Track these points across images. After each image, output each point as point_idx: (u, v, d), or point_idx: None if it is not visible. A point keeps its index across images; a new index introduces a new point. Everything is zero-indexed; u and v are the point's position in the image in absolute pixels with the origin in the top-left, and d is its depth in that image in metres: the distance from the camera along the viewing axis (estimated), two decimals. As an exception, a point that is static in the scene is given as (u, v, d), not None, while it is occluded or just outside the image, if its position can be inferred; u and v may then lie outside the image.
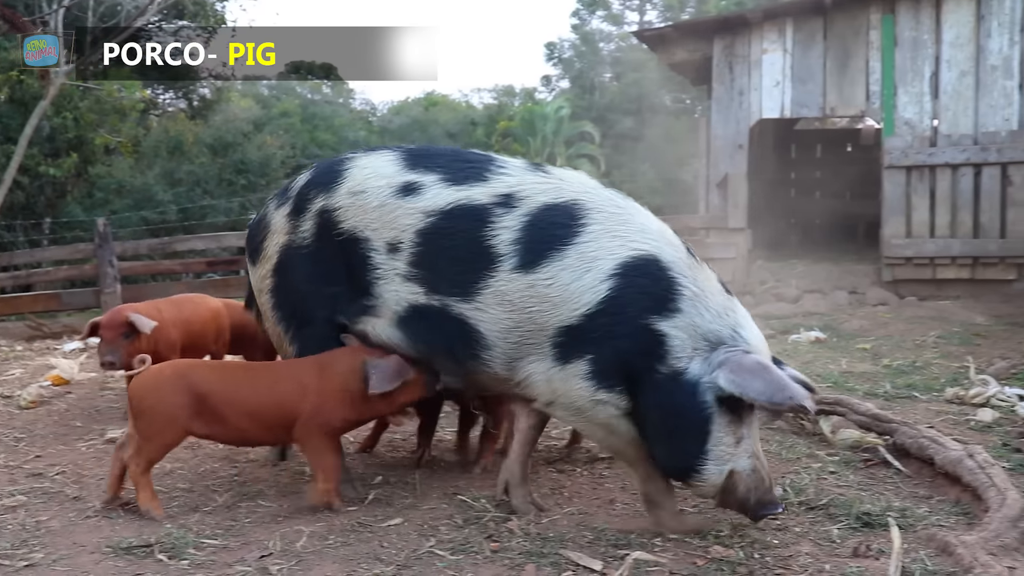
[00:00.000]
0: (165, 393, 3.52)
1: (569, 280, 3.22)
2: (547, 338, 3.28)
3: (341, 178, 3.62)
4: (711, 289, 3.24)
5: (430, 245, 3.41)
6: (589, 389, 3.25)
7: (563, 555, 3.21)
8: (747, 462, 3.19)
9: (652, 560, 3.15)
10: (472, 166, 3.50)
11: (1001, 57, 9.13)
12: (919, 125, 9.41)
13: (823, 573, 3.10)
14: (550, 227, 3.29)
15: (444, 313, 3.40)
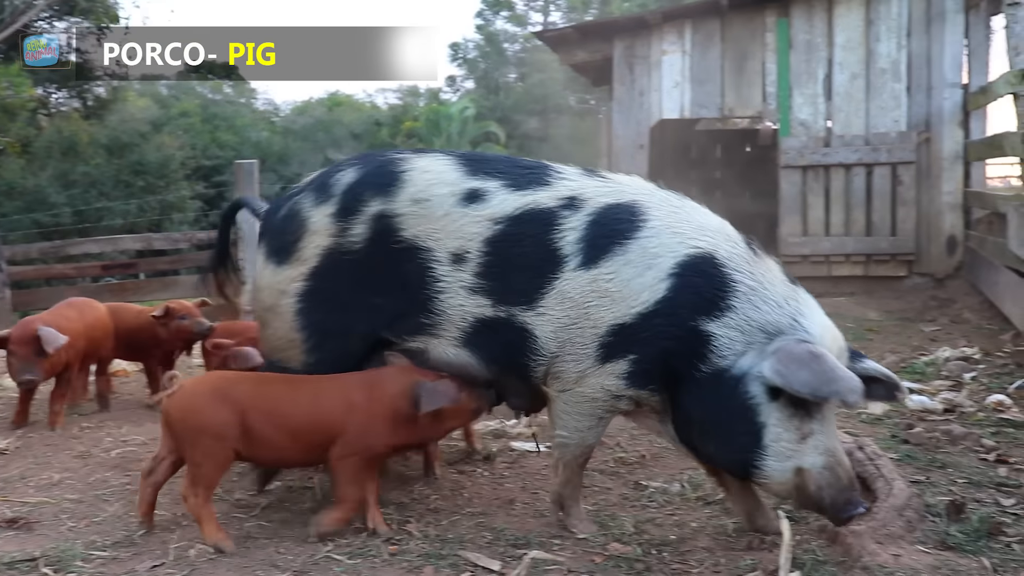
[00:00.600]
0: (208, 412, 3.26)
1: (631, 276, 3.15)
2: (597, 336, 3.19)
3: (400, 182, 3.39)
4: (771, 280, 3.15)
5: (499, 253, 3.27)
6: (618, 387, 3.21)
7: (461, 556, 3.21)
8: (818, 459, 3.06)
9: (550, 559, 3.16)
10: (532, 172, 3.40)
11: (890, 61, 9.40)
12: (814, 126, 9.64)
13: (719, 567, 3.15)
14: (613, 223, 3.21)
15: (510, 324, 3.27)
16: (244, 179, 9.64)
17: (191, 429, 3.26)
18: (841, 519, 3.09)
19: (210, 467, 3.28)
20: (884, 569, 2.99)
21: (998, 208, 7.92)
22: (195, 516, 3.28)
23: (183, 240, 10.79)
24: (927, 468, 4.18)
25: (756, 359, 3.02)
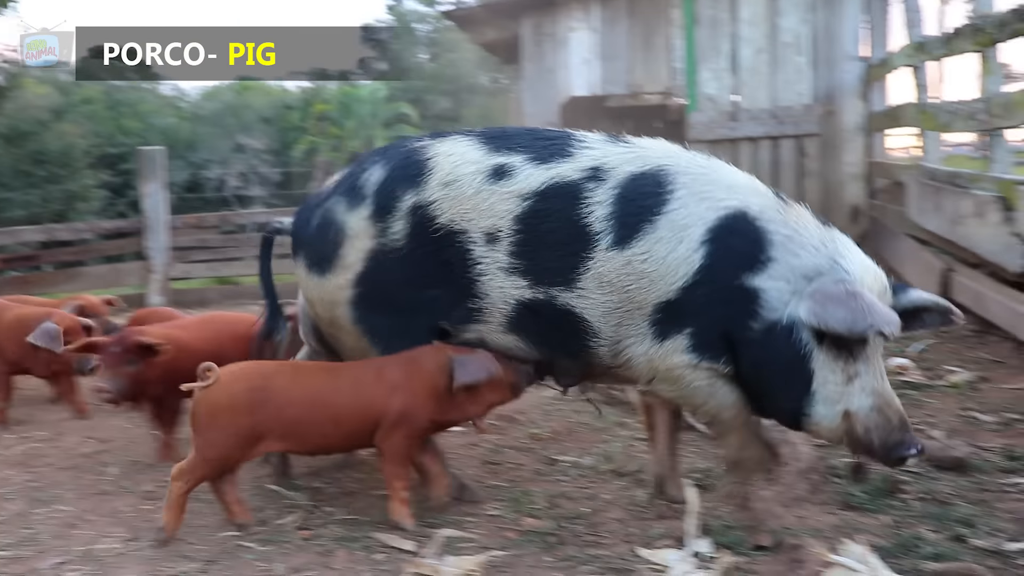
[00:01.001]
0: (240, 409, 3.21)
1: (664, 253, 3.07)
2: (645, 316, 3.12)
3: (427, 169, 3.30)
4: (805, 225, 3.09)
5: (529, 231, 3.18)
6: (691, 361, 3.10)
7: (375, 538, 3.21)
8: (865, 400, 2.99)
9: (463, 536, 3.18)
10: (553, 143, 3.29)
11: (793, 35, 9.52)
12: (720, 100, 9.73)
13: (630, 536, 3.20)
14: (640, 198, 3.11)
15: (552, 306, 3.19)
16: (148, 166, 9.46)
17: (220, 428, 3.20)
18: (892, 460, 3.03)
19: (218, 465, 3.25)
20: (789, 531, 3.06)
21: (898, 177, 8.12)
22: (170, 499, 3.21)
23: (88, 230, 10.55)
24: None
25: (794, 311, 2.98)
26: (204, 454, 3.21)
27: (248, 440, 3.22)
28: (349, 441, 3.40)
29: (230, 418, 3.19)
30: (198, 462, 3.21)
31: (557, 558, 3.03)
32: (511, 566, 2.97)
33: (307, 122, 27.27)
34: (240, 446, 3.22)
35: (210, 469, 3.24)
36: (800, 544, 2.90)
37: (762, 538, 3.03)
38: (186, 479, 3.20)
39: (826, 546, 2.83)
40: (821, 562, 2.74)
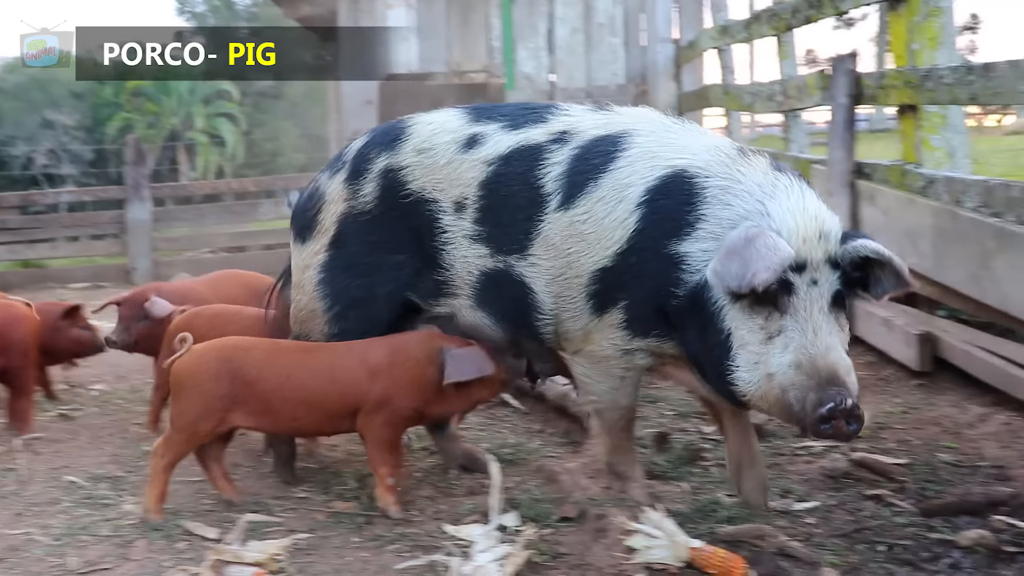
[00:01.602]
0: (205, 379, 3.13)
1: (604, 214, 2.86)
2: (582, 286, 2.92)
3: (405, 136, 3.25)
4: (747, 172, 2.77)
5: (491, 196, 3.06)
6: (623, 339, 2.91)
7: (179, 526, 3.13)
8: (785, 358, 2.59)
9: (269, 520, 3.13)
10: (535, 111, 3.17)
11: (607, 15, 9.73)
12: (538, 79, 9.86)
13: (440, 513, 3.21)
14: (593, 156, 2.93)
15: (508, 276, 3.05)
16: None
17: (189, 396, 3.15)
18: (811, 422, 2.54)
19: (192, 437, 3.19)
20: (594, 501, 3.14)
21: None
22: (151, 472, 3.17)
23: None
24: (639, 403, 4.41)
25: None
26: (175, 423, 3.18)
27: (217, 411, 3.15)
28: (325, 425, 3.32)
29: (198, 386, 3.14)
30: (171, 434, 3.19)
31: (365, 538, 3.01)
32: (317, 548, 2.94)
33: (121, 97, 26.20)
34: (209, 416, 3.15)
35: (184, 440, 3.18)
36: (604, 514, 2.97)
37: (567, 509, 3.09)
38: (162, 453, 3.16)
39: (628, 515, 2.91)
40: (623, 530, 2.82)
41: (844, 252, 2.66)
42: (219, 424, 3.19)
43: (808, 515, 3.12)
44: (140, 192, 9.75)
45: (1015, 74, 3.57)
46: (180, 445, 3.19)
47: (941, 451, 3.64)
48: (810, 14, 5.63)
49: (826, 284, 2.63)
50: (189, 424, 3.17)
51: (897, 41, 4.84)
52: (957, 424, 3.90)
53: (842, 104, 5.01)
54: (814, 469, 3.51)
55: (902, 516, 3.08)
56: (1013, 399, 3.83)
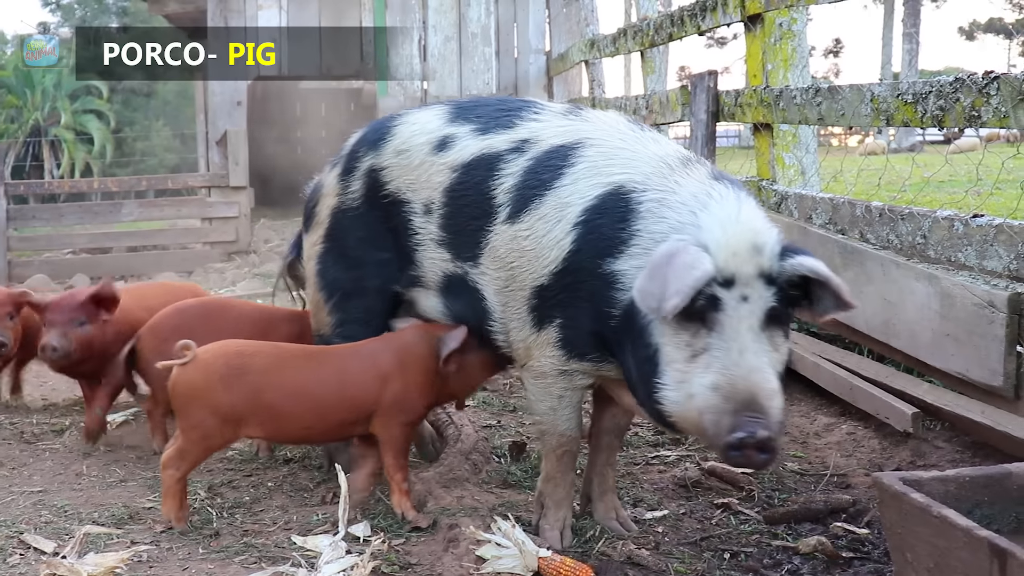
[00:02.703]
0: (216, 392, 3.02)
1: (543, 232, 2.80)
2: (524, 300, 2.87)
3: (389, 135, 3.24)
4: (684, 184, 2.66)
5: (453, 203, 3.04)
6: (560, 357, 2.84)
7: (14, 537, 3.00)
8: (706, 378, 2.43)
9: (109, 532, 3.03)
10: (508, 113, 3.08)
11: (480, 25, 9.78)
12: (410, 86, 9.85)
13: (290, 524, 3.16)
14: (543, 170, 2.85)
15: (464, 282, 3.06)
16: None
17: (198, 408, 3.04)
18: (723, 450, 2.41)
19: (204, 447, 3.11)
20: (447, 511, 3.13)
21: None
22: (164, 487, 3.10)
23: None
24: (500, 412, 4.44)
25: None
26: (188, 436, 3.08)
27: (228, 420, 3.06)
28: (336, 433, 3.25)
29: (208, 396, 3.03)
30: (185, 445, 3.08)
31: (211, 549, 2.94)
32: (161, 560, 2.86)
33: (-22, 90, 25.14)
34: (220, 426, 3.06)
35: (198, 451, 3.11)
36: (455, 524, 2.97)
37: (420, 519, 3.08)
38: (176, 465, 3.08)
39: (480, 524, 2.91)
40: (473, 540, 2.82)
41: (781, 268, 2.49)
42: (233, 435, 3.13)
43: (658, 523, 3.18)
44: (-7, 189, 9.37)
45: (857, 97, 3.72)
46: (195, 456, 3.13)
47: (788, 460, 3.75)
48: (672, 31, 5.77)
49: (758, 301, 2.46)
50: (203, 438, 3.09)
51: (752, 61, 4.99)
52: (804, 433, 4.03)
53: (702, 120, 5.14)
54: (667, 478, 3.58)
55: (748, 524, 3.16)
56: (856, 410, 3.98)
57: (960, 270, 3.24)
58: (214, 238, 10.11)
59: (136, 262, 9.79)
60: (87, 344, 3.91)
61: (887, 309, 3.61)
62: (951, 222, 3.28)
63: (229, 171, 10.10)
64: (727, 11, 5.04)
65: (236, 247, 10.06)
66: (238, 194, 10.10)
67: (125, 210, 10.12)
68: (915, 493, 2.26)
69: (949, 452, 3.47)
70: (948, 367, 3.28)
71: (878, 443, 3.76)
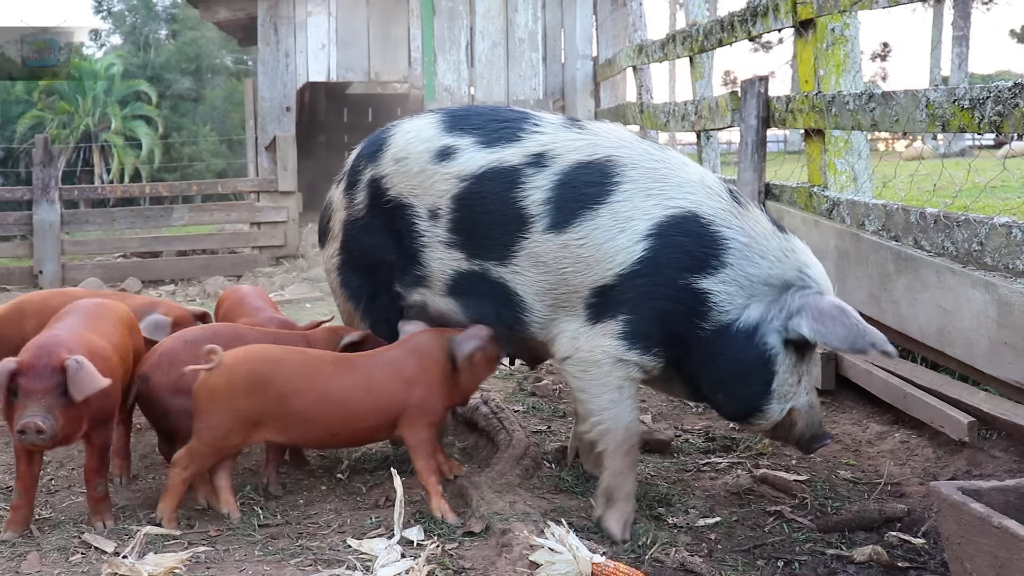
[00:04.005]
0: (240, 398, 3.12)
1: (603, 240, 3.12)
2: (581, 298, 3.18)
3: (386, 145, 3.52)
4: (763, 233, 3.13)
5: (466, 210, 3.32)
6: (619, 348, 3.12)
7: (76, 537, 3.06)
8: (806, 399, 3.19)
9: (166, 534, 3.08)
10: (507, 125, 3.36)
11: (527, 31, 9.81)
12: (457, 91, 9.89)
13: (344, 527, 3.19)
14: (582, 186, 3.17)
15: (486, 278, 3.33)
16: None
17: (219, 411, 3.12)
18: (812, 450, 3.36)
19: (217, 451, 3.18)
20: (499, 516, 3.14)
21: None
22: (169, 485, 3.16)
23: None
24: (550, 418, 4.45)
25: (767, 312, 3.06)
26: (202, 437, 3.14)
27: (246, 425, 3.14)
28: (361, 437, 3.41)
29: (229, 400, 3.11)
30: (197, 447, 3.15)
31: (267, 552, 2.98)
32: (218, 561, 2.90)
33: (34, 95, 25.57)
34: (238, 430, 3.15)
35: (210, 453, 3.17)
36: (508, 529, 2.98)
37: (473, 524, 3.10)
38: (185, 465, 3.15)
39: (533, 530, 2.92)
40: (527, 545, 2.83)
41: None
42: (247, 439, 3.20)
43: (711, 530, 3.17)
44: (49, 193, 9.52)
45: (912, 103, 3.69)
46: (205, 458, 3.18)
47: (841, 468, 3.74)
48: (722, 37, 5.75)
49: None
50: (217, 439, 3.15)
51: (804, 67, 4.96)
52: (857, 442, 4.00)
53: (752, 126, 5.11)
54: (718, 485, 3.58)
55: (801, 532, 3.15)
56: (910, 418, 3.94)
57: (1018, 277, 3.20)
58: (263, 242, 10.21)
59: (186, 266, 9.92)
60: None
61: (942, 316, 3.58)
62: (1009, 229, 3.24)
63: (278, 176, 10.20)
64: (779, 16, 5.02)
65: (284, 251, 10.15)
66: (287, 199, 10.20)
67: (176, 214, 10.25)
68: (974, 503, 2.24)
69: (1006, 462, 3.43)
70: (1005, 376, 3.25)
71: (932, 452, 3.73)
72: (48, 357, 2.92)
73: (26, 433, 2.84)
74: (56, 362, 2.90)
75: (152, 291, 9.12)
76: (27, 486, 3.12)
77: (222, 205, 11.02)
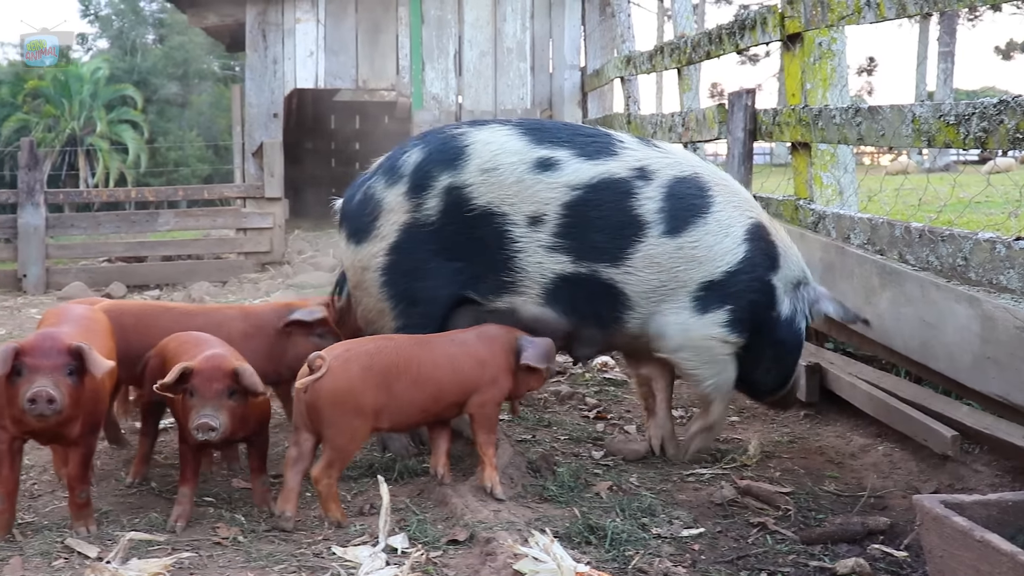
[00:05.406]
0: (361, 394, 3.25)
1: (713, 243, 3.68)
2: (688, 292, 3.69)
3: (466, 154, 3.69)
4: (787, 242, 3.87)
5: (577, 216, 3.63)
6: (724, 333, 3.71)
7: (59, 542, 3.05)
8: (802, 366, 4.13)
9: (151, 539, 3.07)
10: (595, 140, 3.77)
11: (516, 41, 9.84)
12: (445, 100, 9.91)
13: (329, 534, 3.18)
14: (687, 198, 3.70)
15: (593, 279, 3.67)
16: None
17: (346, 413, 3.22)
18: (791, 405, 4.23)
19: (353, 449, 3.35)
20: (483, 524, 3.14)
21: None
22: (324, 496, 3.24)
23: None
24: (534, 427, 4.45)
25: (795, 303, 3.80)
26: (335, 443, 3.24)
27: (369, 418, 3.28)
28: (443, 413, 3.51)
29: (352, 400, 3.22)
30: (336, 457, 3.25)
31: (251, 558, 2.97)
32: (201, 568, 2.89)
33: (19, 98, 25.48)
34: (364, 425, 3.28)
35: (347, 455, 3.32)
36: (492, 537, 2.98)
37: (457, 532, 3.10)
38: (328, 474, 3.24)
39: (517, 538, 2.92)
40: (511, 554, 2.83)
41: None
42: (371, 431, 3.38)
43: (694, 541, 3.17)
44: (34, 197, 9.47)
45: (898, 118, 3.72)
46: (343, 462, 3.32)
47: (825, 480, 3.75)
48: (710, 49, 5.78)
49: None
50: (351, 441, 3.29)
51: (791, 80, 4.99)
52: (841, 454, 4.02)
53: (739, 138, 5.14)
54: (702, 496, 3.58)
55: (784, 543, 3.16)
56: (893, 431, 3.95)
57: (1002, 293, 3.23)
58: (248, 248, 10.18)
59: (171, 271, 9.88)
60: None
61: (926, 330, 3.60)
62: (993, 244, 3.27)
63: (265, 182, 10.17)
64: (766, 30, 5.05)
65: (270, 258, 10.12)
66: (273, 205, 10.17)
67: (161, 219, 10.20)
68: (957, 517, 2.26)
69: (988, 476, 3.45)
70: (988, 390, 3.27)
71: (915, 465, 3.74)
72: (52, 340, 3.03)
73: (37, 403, 2.89)
74: (63, 344, 3.00)
75: (137, 296, 9.08)
76: (9, 490, 3.11)
77: (208, 210, 11.00)
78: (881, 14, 4.03)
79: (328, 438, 3.24)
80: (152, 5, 32.88)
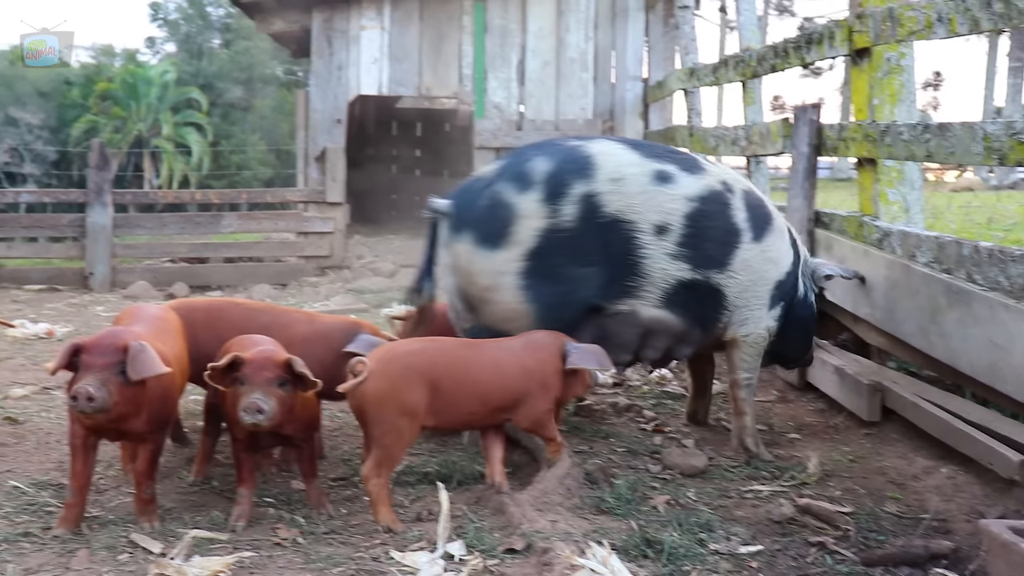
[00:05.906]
0: (405, 392, 3.31)
1: (780, 246, 4.19)
2: (768, 291, 4.15)
3: (594, 165, 3.89)
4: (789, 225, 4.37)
5: (696, 226, 3.94)
6: (774, 325, 4.22)
7: (124, 536, 3.10)
8: None
9: (213, 538, 3.11)
10: (685, 156, 4.17)
11: (578, 51, 9.84)
12: (507, 109, 9.93)
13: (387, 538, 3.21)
14: (759, 206, 4.15)
15: (705, 285, 4.01)
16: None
17: (390, 412, 3.27)
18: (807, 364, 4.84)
19: (400, 448, 3.36)
20: (540, 534, 3.14)
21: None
22: (374, 497, 3.28)
23: None
24: (592, 438, 4.44)
25: (806, 283, 4.35)
26: (382, 443, 3.28)
27: (415, 417, 3.33)
28: (491, 418, 3.56)
29: (396, 399, 3.28)
30: (384, 456, 3.29)
31: (309, 559, 3.01)
32: (261, 568, 2.93)
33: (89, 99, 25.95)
34: (410, 424, 3.33)
35: (395, 454, 3.35)
36: (550, 547, 2.98)
37: (515, 541, 3.10)
38: (378, 473, 3.28)
39: (574, 549, 2.92)
40: (568, 565, 2.83)
41: None
42: (418, 431, 3.42)
43: (752, 559, 3.15)
44: (102, 197, 9.65)
45: (968, 135, 3.66)
46: (393, 460, 3.36)
47: (886, 501, 3.70)
48: (776, 63, 5.74)
49: None
50: (398, 440, 3.32)
51: (858, 95, 4.94)
52: (902, 475, 3.96)
53: (803, 153, 5.10)
54: (760, 513, 3.55)
55: (844, 564, 3.12)
56: (957, 453, 3.88)
57: (1074, 316, 3.16)
58: (309, 252, 10.27)
59: (232, 273, 9.98)
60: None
61: (994, 352, 3.54)
62: (1065, 266, 3.20)
63: (327, 187, 10.27)
64: (834, 44, 5.01)
65: (330, 262, 10.21)
66: (334, 210, 10.26)
67: (224, 221, 10.34)
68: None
69: (1055, 502, 3.38)
70: (1058, 414, 3.20)
71: (980, 489, 3.67)
72: (112, 338, 3.08)
73: (77, 400, 2.95)
74: (119, 343, 3.05)
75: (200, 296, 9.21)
76: (80, 484, 3.19)
77: (270, 214, 11.11)
78: (953, 30, 3.96)
79: (375, 438, 3.29)
80: (219, 10, 33.35)
